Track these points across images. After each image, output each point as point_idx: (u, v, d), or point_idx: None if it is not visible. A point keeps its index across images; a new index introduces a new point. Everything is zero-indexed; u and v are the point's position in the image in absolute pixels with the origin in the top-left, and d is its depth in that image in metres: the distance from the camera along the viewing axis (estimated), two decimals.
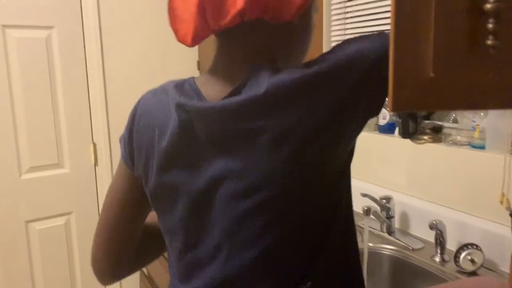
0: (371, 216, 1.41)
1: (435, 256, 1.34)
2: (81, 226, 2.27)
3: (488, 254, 1.27)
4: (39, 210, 2.15)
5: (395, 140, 1.63)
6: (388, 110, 1.70)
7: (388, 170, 1.65)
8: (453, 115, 1.52)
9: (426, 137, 1.54)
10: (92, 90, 2.20)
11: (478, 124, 1.35)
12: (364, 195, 1.50)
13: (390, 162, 1.63)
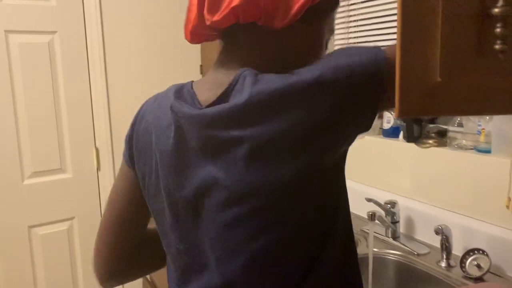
0: (376, 221, 1.39)
1: (441, 262, 1.33)
2: (83, 231, 2.26)
3: (495, 259, 1.25)
4: (41, 215, 2.15)
5: (400, 144, 1.62)
6: (393, 114, 1.68)
7: (392, 175, 1.63)
8: (458, 119, 1.51)
9: (431, 141, 1.53)
10: (94, 95, 2.20)
11: (484, 128, 1.34)
12: (369, 200, 1.48)
13: (395, 167, 1.62)
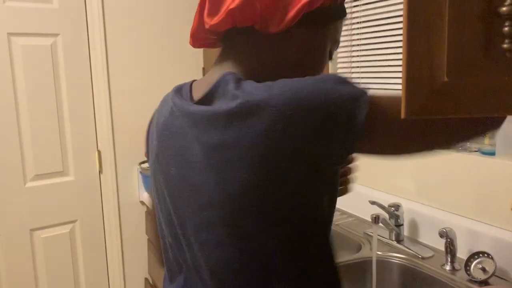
0: (380, 224, 1.38)
1: (445, 265, 1.32)
2: (85, 234, 2.25)
3: (500, 263, 1.24)
4: (43, 218, 2.14)
5: None
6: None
7: (396, 177, 1.62)
8: None
9: None
10: (97, 98, 2.20)
11: None
12: (373, 203, 1.47)
13: (399, 169, 1.61)
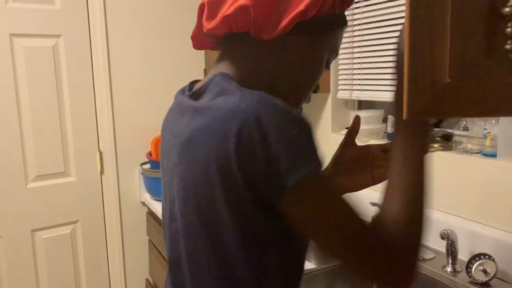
0: None
1: (447, 267, 1.32)
2: (87, 235, 2.26)
3: (501, 265, 1.24)
4: (45, 218, 2.15)
5: None
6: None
7: None
8: (463, 122, 1.50)
9: (436, 145, 1.52)
10: (98, 99, 2.20)
11: (489, 132, 1.33)
12: (373, 204, 1.47)
13: None
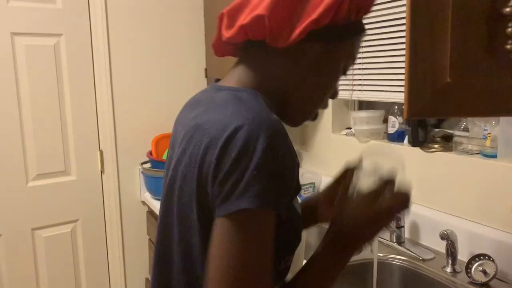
0: None
1: (446, 267, 1.32)
2: (87, 234, 2.25)
3: (501, 265, 1.24)
4: (45, 217, 2.14)
5: (405, 148, 1.61)
6: (398, 117, 1.68)
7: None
8: (463, 123, 1.50)
9: (436, 145, 1.52)
10: (99, 98, 2.21)
11: (490, 133, 1.33)
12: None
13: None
